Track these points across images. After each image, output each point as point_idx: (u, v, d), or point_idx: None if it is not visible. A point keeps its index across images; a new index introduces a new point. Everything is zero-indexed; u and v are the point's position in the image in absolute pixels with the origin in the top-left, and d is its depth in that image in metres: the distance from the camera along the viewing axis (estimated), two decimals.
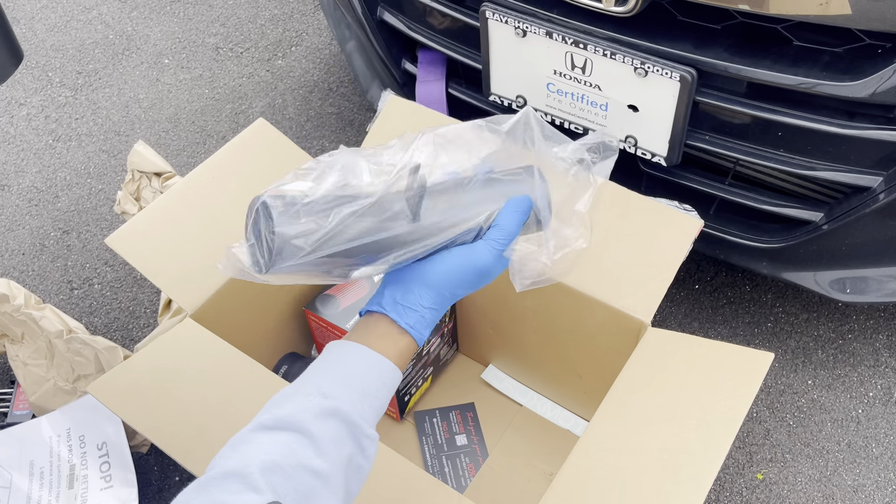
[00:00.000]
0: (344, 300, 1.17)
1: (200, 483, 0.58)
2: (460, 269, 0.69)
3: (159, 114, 1.91)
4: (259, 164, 1.17)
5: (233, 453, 0.60)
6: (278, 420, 0.62)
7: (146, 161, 1.38)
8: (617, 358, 1.01)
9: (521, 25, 1.14)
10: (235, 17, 2.16)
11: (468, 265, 0.69)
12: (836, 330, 1.41)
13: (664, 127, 1.12)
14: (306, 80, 1.96)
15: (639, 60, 1.07)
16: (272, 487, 0.57)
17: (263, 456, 0.59)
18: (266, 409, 0.64)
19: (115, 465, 1.13)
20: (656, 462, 0.83)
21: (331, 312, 1.15)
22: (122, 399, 0.94)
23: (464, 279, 0.70)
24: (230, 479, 0.57)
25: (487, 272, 0.70)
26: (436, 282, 0.69)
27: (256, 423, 0.62)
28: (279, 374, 1.22)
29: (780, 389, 1.34)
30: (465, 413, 1.26)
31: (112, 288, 1.56)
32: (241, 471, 0.58)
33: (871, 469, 1.24)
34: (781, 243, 1.18)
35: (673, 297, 1.47)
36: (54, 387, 1.21)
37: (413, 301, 0.69)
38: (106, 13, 2.20)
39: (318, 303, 1.17)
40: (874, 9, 0.91)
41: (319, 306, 1.16)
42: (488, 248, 0.69)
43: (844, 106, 1.02)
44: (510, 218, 0.70)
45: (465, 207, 0.70)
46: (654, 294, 0.99)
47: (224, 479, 0.58)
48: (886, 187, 1.03)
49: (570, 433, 1.22)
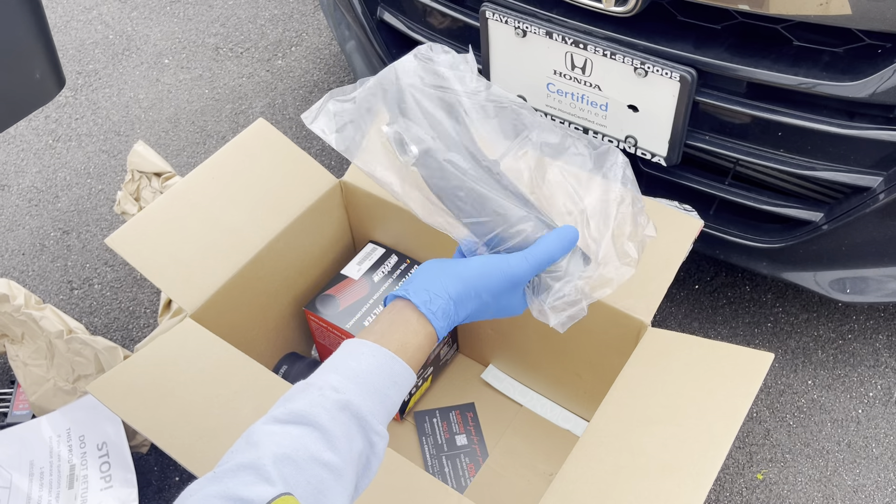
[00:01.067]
0: (343, 300, 1.17)
1: (214, 474, 0.59)
2: (492, 270, 0.73)
3: (159, 114, 1.91)
4: (259, 164, 1.17)
5: (246, 446, 0.61)
6: (291, 414, 0.62)
7: (146, 161, 1.38)
8: (617, 358, 1.01)
9: (521, 25, 1.14)
10: (235, 18, 2.16)
11: (500, 268, 0.73)
12: (836, 330, 1.41)
13: (664, 127, 1.12)
14: (306, 80, 1.96)
15: (639, 60, 1.07)
16: (284, 479, 0.58)
17: (276, 448, 0.59)
18: (279, 404, 0.65)
19: (115, 465, 1.13)
20: (656, 462, 0.83)
21: (331, 313, 1.15)
22: (122, 399, 0.95)
23: (492, 281, 0.73)
24: (243, 471, 0.58)
25: (516, 281, 0.73)
26: (466, 274, 0.72)
27: (269, 417, 0.63)
28: (279, 374, 1.23)
29: (780, 389, 1.34)
30: (465, 413, 1.26)
31: (112, 288, 1.56)
32: (253, 463, 0.58)
33: (871, 469, 1.24)
34: (781, 243, 1.18)
35: (673, 298, 1.47)
36: (54, 387, 1.21)
37: (439, 288, 0.71)
38: (106, 13, 2.20)
39: (318, 303, 1.17)
40: (874, 9, 0.91)
41: (319, 307, 1.16)
42: (522, 258, 0.73)
43: (844, 106, 1.02)
44: (554, 242, 0.74)
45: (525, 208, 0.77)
46: (654, 294, 0.99)
47: (237, 471, 0.58)
48: (886, 187, 1.03)
49: (570, 433, 1.22)
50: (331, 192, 1.19)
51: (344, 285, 1.19)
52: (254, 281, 1.11)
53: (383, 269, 1.22)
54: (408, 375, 0.69)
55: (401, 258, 1.23)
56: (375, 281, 1.19)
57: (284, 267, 1.17)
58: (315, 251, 1.22)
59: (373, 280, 1.19)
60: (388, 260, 1.23)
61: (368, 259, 1.23)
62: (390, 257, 1.23)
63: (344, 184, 1.19)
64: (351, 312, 1.15)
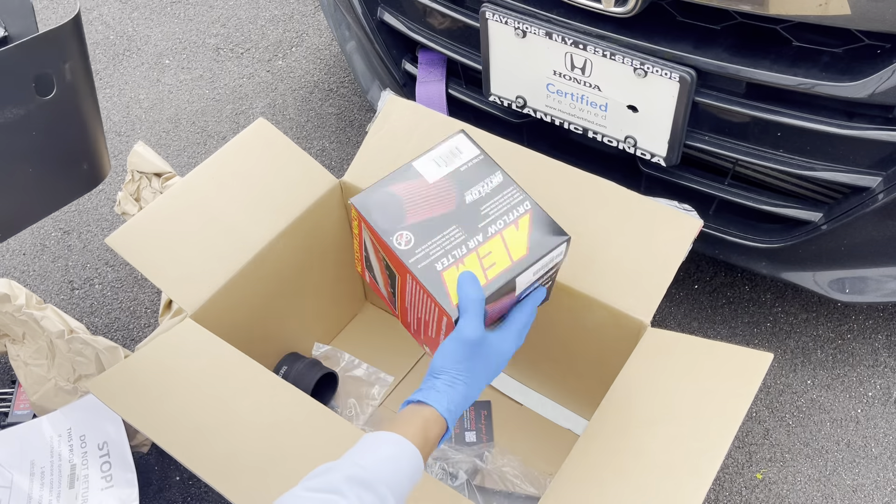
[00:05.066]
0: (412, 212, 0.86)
1: None
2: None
3: (160, 114, 1.91)
4: (259, 164, 1.17)
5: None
6: (315, 486, 0.68)
7: (145, 161, 1.38)
8: (617, 358, 1.01)
9: (521, 26, 1.14)
10: (236, 18, 2.16)
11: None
12: (836, 330, 1.41)
13: (664, 127, 1.13)
14: (307, 81, 1.96)
15: (638, 61, 1.07)
16: None
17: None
18: (308, 478, 0.70)
19: (116, 464, 1.13)
20: (656, 462, 0.84)
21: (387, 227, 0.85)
22: (122, 397, 0.95)
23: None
24: None
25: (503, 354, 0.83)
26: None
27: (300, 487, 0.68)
28: (279, 375, 1.23)
29: (780, 389, 1.34)
30: (480, 411, 1.26)
31: (113, 288, 1.56)
32: None
33: (870, 468, 1.24)
34: (781, 243, 1.18)
35: (672, 297, 1.47)
36: (55, 387, 1.21)
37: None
38: (106, 14, 2.20)
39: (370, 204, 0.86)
40: (873, 9, 0.92)
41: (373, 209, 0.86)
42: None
43: (844, 106, 1.03)
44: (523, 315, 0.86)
45: None
46: (654, 294, 0.99)
47: None
48: (885, 187, 1.03)
49: (570, 433, 1.22)
50: (331, 192, 1.19)
51: (414, 187, 0.88)
52: (254, 281, 1.12)
53: (480, 186, 0.88)
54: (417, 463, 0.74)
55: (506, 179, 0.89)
56: (468, 201, 0.87)
57: (284, 267, 1.17)
58: (315, 251, 1.22)
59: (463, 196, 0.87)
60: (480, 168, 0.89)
61: (455, 157, 0.89)
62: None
63: (344, 184, 1.19)
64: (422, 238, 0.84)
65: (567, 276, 1.02)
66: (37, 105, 0.81)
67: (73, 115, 0.86)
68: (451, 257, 0.83)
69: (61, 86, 0.83)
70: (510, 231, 0.85)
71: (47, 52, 0.81)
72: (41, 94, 0.82)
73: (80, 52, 0.86)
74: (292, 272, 1.19)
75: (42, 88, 0.82)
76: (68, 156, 0.90)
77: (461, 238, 0.84)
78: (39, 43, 0.79)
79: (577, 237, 1.07)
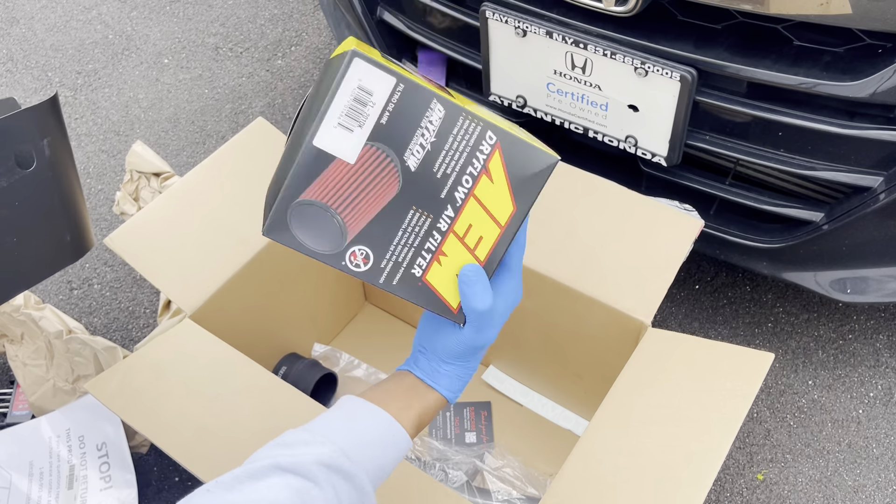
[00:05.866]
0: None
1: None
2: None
3: (159, 114, 1.91)
4: (259, 163, 1.17)
5: (239, 485, 0.60)
6: (289, 465, 0.61)
7: (144, 161, 1.38)
8: (617, 358, 1.01)
9: (521, 25, 1.14)
10: (235, 17, 2.16)
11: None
12: (837, 330, 1.41)
13: (664, 127, 1.12)
14: (306, 80, 1.96)
15: (639, 60, 1.07)
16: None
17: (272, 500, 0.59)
18: (275, 446, 0.64)
19: (115, 465, 1.13)
20: (656, 462, 0.83)
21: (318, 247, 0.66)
22: (121, 398, 0.94)
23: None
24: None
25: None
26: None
27: (270, 464, 0.61)
28: (279, 375, 1.22)
29: (781, 390, 1.34)
30: (480, 411, 1.26)
31: (111, 288, 1.56)
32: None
33: (872, 469, 1.24)
34: (782, 243, 1.17)
35: (673, 298, 1.47)
36: (54, 387, 1.21)
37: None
38: (105, 13, 2.20)
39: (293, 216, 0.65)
40: (874, 9, 0.91)
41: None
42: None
43: (845, 106, 1.02)
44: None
45: None
46: (655, 294, 0.99)
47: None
48: (887, 187, 1.03)
49: (570, 433, 1.22)
50: None
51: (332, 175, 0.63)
52: (253, 281, 1.11)
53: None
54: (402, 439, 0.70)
55: None
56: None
57: (284, 267, 1.16)
58: None
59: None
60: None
61: (366, 105, 0.61)
62: None
63: None
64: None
65: (567, 276, 1.02)
66: (18, 177, 0.87)
67: (55, 188, 0.92)
68: (426, 253, 0.66)
69: (41, 160, 0.88)
70: (483, 185, 0.65)
71: (27, 128, 0.87)
72: (22, 167, 0.87)
73: (59, 129, 0.92)
74: (291, 272, 1.19)
75: (23, 162, 0.87)
76: (51, 227, 0.95)
77: (427, 223, 0.65)
78: (19, 119, 0.85)
79: (578, 237, 1.06)
